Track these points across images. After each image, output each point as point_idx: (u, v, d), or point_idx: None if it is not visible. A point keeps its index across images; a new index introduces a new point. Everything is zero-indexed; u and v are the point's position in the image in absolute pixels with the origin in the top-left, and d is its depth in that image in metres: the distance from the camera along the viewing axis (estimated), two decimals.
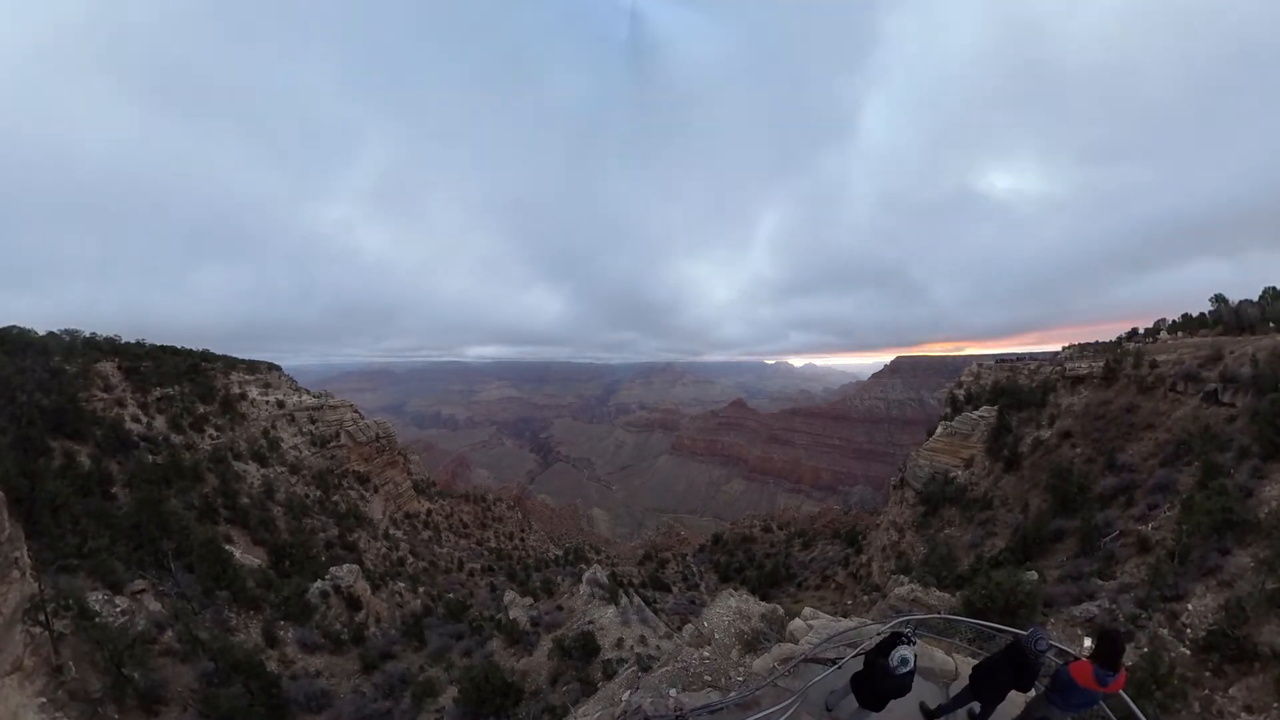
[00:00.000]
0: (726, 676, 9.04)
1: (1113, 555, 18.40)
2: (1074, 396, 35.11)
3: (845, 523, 74.59)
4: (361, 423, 65.79)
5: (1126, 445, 26.50)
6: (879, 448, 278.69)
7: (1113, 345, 39.73)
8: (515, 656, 23.43)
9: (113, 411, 36.85)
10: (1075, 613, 15.09)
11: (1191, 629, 12.80)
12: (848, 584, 45.71)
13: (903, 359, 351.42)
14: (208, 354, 56.11)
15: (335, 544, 41.34)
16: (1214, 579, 13.87)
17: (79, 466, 27.72)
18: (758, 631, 11.41)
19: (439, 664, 22.67)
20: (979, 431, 41.36)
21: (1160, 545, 16.98)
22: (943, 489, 39.08)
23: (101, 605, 16.59)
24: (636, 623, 24.77)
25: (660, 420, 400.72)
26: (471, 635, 27.19)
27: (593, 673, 18.90)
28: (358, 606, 27.81)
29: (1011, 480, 33.38)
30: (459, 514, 79.51)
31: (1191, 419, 24.03)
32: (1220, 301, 33.22)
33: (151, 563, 22.53)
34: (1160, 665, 10.30)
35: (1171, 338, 34.70)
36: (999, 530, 29.42)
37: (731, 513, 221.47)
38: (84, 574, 18.41)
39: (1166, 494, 20.37)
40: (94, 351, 42.17)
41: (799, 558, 62.67)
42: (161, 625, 17.58)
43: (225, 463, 40.30)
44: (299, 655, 21.51)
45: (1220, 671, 11.23)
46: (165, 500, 27.49)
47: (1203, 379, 25.58)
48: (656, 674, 9.84)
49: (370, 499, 57.21)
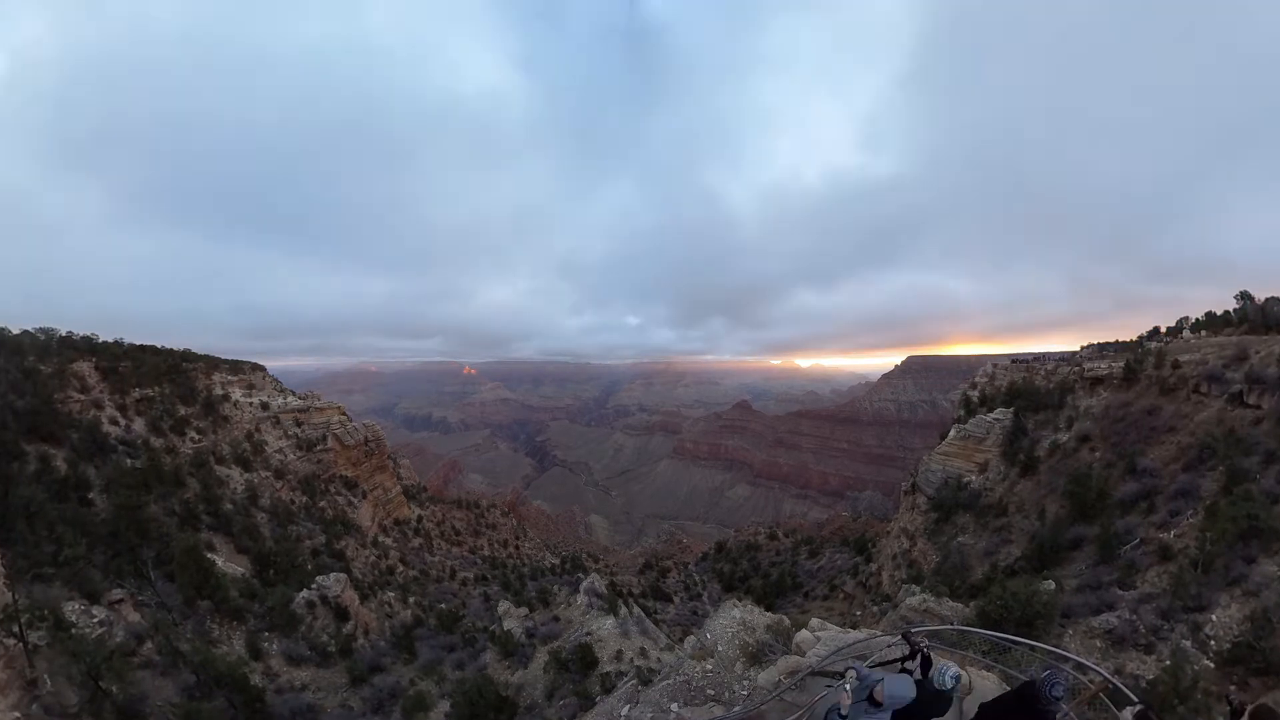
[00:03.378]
0: (730, 690, 9.04)
1: (1133, 564, 18.39)
2: (1093, 398, 35.11)
3: (854, 530, 74.65)
4: (349, 425, 65.78)
5: (1147, 449, 26.48)
6: (889, 451, 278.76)
7: (1133, 345, 39.75)
8: (510, 669, 23.44)
9: (90, 413, 36.81)
10: (1095, 624, 15.09)
11: (1215, 641, 12.81)
12: (857, 594, 45.70)
13: (914, 359, 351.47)
14: (189, 353, 56.09)
15: (322, 552, 41.31)
16: (1239, 589, 13.88)
17: (54, 471, 27.69)
18: (763, 643, 11.40)
19: (430, 677, 22.67)
20: (994, 435, 41.34)
21: (1183, 554, 16.98)
22: (956, 494, 39.05)
23: (78, 616, 16.58)
24: (636, 634, 24.77)
25: (661, 423, 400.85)
26: (464, 647, 27.20)
27: (590, 686, 18.88)
28: (345, 617, 27.81)
29: (1028, 485, 33.37)
30: (451, 520, 79.52)
31: (1215, 422, 24.02)
32: (1245, 299, 33.22)
33: (130, 571, 22.52)
34: (1183, 679, 10.29)
35: (1194, 337, 34.71)
36: (1015, 538, 29.41)
37: (735, 519, 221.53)
38: (60, 583, 18.40)
39: (1189, 500, 20.37)
40: (70, 351, 42.11)
41: (806, 566, 62.63)
42: (141, 636, 17.59)
43: (207, 467, 40.27)
44: (284, 668, 21.51)
45: (1245, 685, 11.23)
46: (145, 506, 27.48)
47: (1227, 380, 25.57)
48: (657, 688, 9.84)
49: (358, 505, 57.17)
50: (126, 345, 49.25)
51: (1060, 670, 4.92)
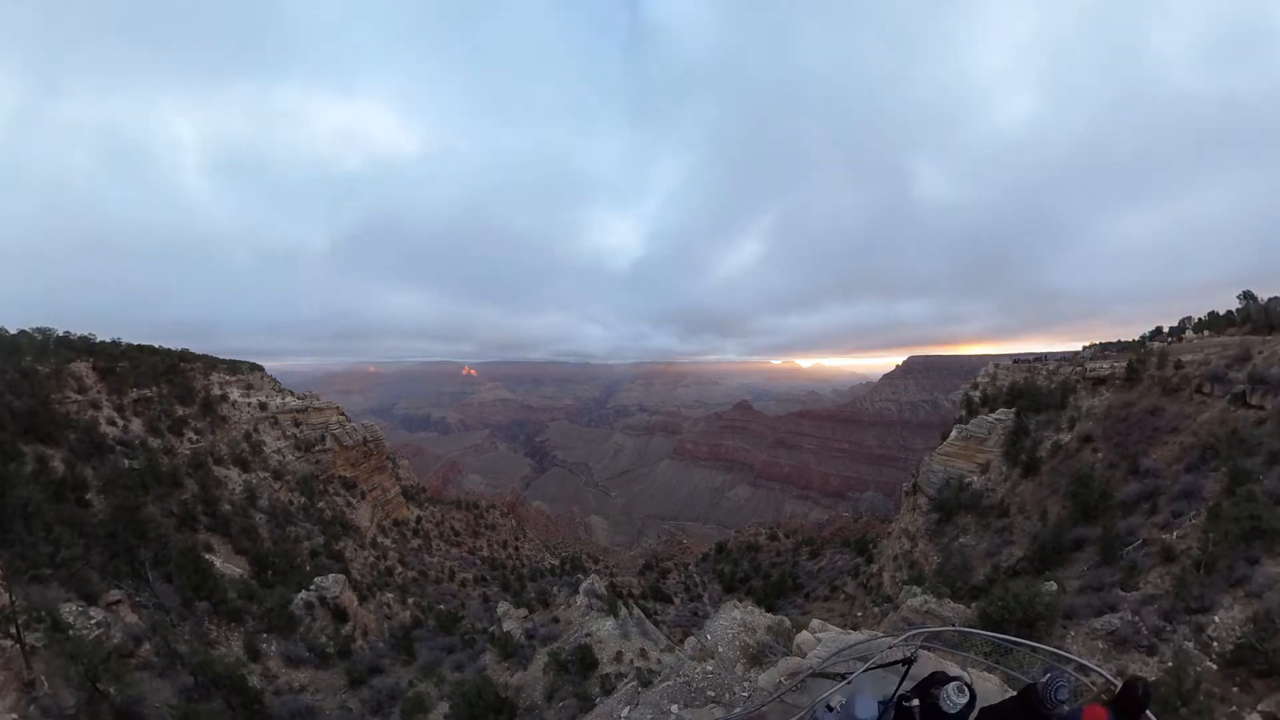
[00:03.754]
0: (731, 692, 9.07)
1: (1135, 565, 18.41)
2: (1095, 398, 35.14)
3: (855, 531, 74.73)
4: (348, 426, 65.86)
5: (1150, 450, 26.51)
6: (890, 452, 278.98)
7: (1136, 345, 39.78)
8: (509, 671, 23.46)
9: (87, 414, 36.84)
10: (1096, 625, 15.11)
11: (1218, 642, 12.83)
12: (858, 595, 45.74)
13: (915, 359, 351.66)
14: (187, 353, 56.12)
15: (320, 553, 41.34)
16: (1242, 590, 13.90)
17: (52, 472, 27.68)
18: (763, 644, 11.42)
19: (429, 679, 22.69)
20: (996, 435, 41.38)
21: (1185, 555, 17.00)
22: (957, 495, 39.09)
23: (75, 617, 16.59)
24: (636, 635, 24.78)
25: (661, 423, 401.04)
26: (463, 648, 27.22)
27: (590, 688, 18.91)
28: (344, 618, 27.84)
29: (1029, 486, 33.40)
30: (450, 521, 79.58)
31: (1218, 422, 24.04)
32: (1249, 298, 33.23)
33: (128, 572, 22.53)
34: (1185, 680, 10.31)
35: (1197, 336, 34.72)
36: (1016, 539, 29.44)
37: (736, 520, 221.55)
38: (57, 584, 18.42)
39: (1192, 501, 20.39)
40: (68, 351, 42.17)
41: (807, 567, 62.70)
42: (138, 638, 17.61)
43: (205, 467, 40.32)
44: (283, 669, 21.54)
45: (1248, 687, 11.26)
46: (142, 507, 27.47)
47: (1230, 380, 25.60)
48: (657, 689, 9.87)
49: (357, 505, 57.23)
50: (124, 345, 49.28)
51: (1062, 672, 4.73)
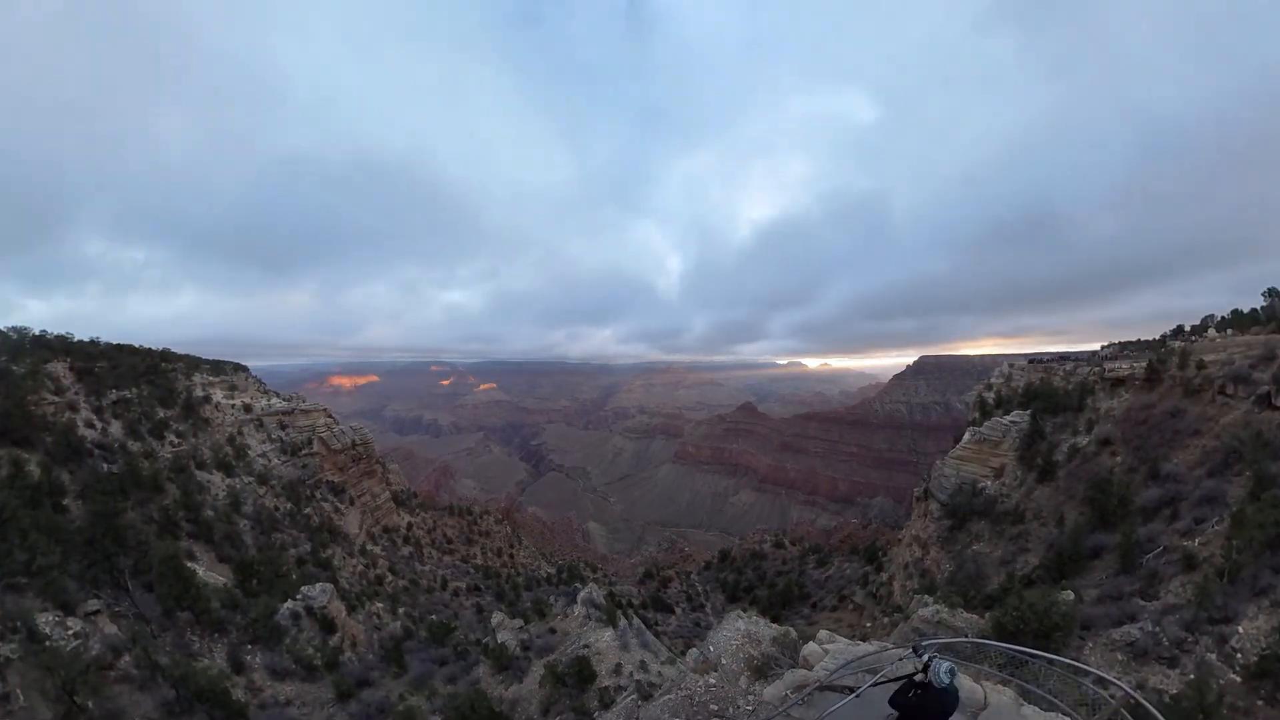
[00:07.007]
0: (734, 706, 9.04)
1: (1156, 573, 18.41)
2: (1114, 400, 35.14)
3: (864, 538, 74.75)
4: (336, 429, 65.81)
5: (1171, 453, 26.51)
6: (901, 456, 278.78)
7: (1156, 344, 39.80)
8: (504, 684, 23.45)
9: (64, 416, 36.81)
10: (1116, 636, 15.10)
11: (1242, 654, 12.81)
12: (867, 604, 45.75)
13: (927, 359, 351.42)
14: (168, 353, 56.12)
15: (307, 561, 41.33)
16: (1266, 599, 13.88)
17: (27, 476, 27.66)
18: (769, 656, 11.41)
19: (421, 692, 22.68)
20: (1010, 438, 41.35)
21: (1208, 563, 16.99)
22: (970, 501, 39.06)
23: (52, 628, 16.58)
24: (636, 647, 24.79)
25: (662, 426, 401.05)
26: (456, 660, 27.21)
27: (588, 702, 18.90)
28: (332, 629, 27.80)
29: (1046, 491, 33.39)
30: (442, 528, 79.54)
31: (1242, 424, 24.03)
32: (1273, 296, 33.26)
33: (107, 581, 22.53)
34: (1208, 693, 10.30)
35: (1220, 336, 34.75)
36: (1032, 546, 29.43)
37: (740, 527, 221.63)
38: (33, 593, 18.42)
39: (1214, 507, 20.39)
40: (44, 350, 42.14)
41: (814, 576, 62.72)
42: (118, 649, 17.58)
43: (187, 472, 40.25)
44: (268, 682, 21.50)
45: (1274, 700, 11.24)
46: (122, 513, 27.48)
47: (1254, 381, 25.58)
48: (658, 703, 9.83)
49: (345, 512, 57.19)
50: (103, 345, 49.27)
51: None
